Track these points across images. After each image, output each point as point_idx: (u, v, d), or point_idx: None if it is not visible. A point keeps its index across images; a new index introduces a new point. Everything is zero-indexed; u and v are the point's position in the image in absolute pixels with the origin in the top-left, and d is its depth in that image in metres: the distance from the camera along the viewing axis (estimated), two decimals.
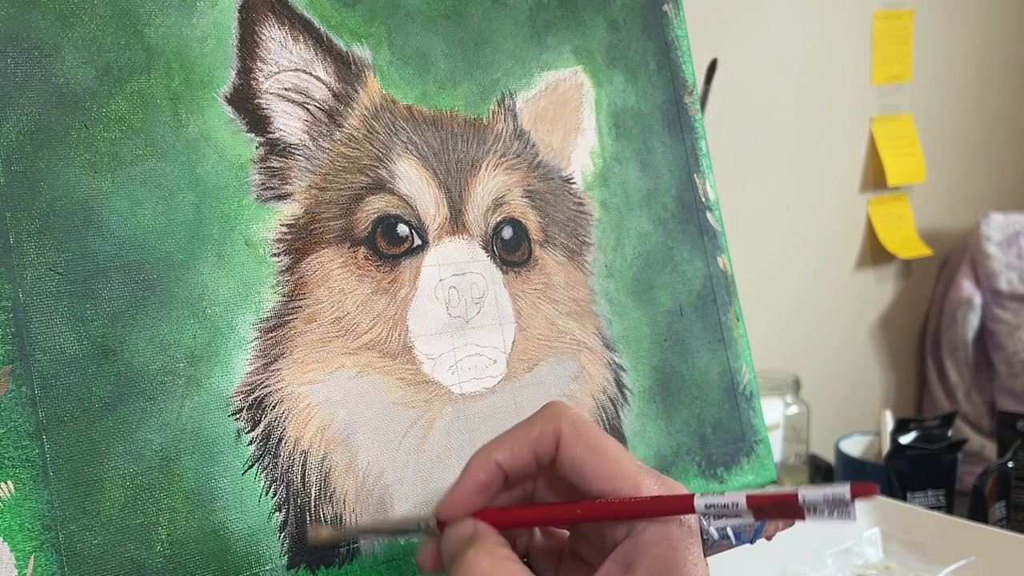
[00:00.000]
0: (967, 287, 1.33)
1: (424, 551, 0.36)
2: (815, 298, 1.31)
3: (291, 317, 0.42)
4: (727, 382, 0.55)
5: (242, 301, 0.41)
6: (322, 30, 0.45)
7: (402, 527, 0.39)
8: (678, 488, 0.34)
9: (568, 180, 0.52)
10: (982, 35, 1.44)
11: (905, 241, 1.36)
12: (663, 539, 0.32)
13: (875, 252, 1.36)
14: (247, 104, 0.42)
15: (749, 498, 0.32)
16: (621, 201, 0.53)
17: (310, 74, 0.44)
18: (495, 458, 0.36)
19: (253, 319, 0.41)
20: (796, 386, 1.13)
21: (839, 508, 0.30)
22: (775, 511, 0.31)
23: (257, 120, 0.42)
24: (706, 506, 0.32)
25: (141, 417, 0.38)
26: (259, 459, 0.40)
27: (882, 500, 0.91)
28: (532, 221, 0.50)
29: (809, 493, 0.30)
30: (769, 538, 0.54)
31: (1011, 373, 1.29)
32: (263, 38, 0.43)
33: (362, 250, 0.44)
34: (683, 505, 0.32)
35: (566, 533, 0.38)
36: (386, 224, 0.45)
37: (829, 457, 1.14)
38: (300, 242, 0.43)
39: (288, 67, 0.44)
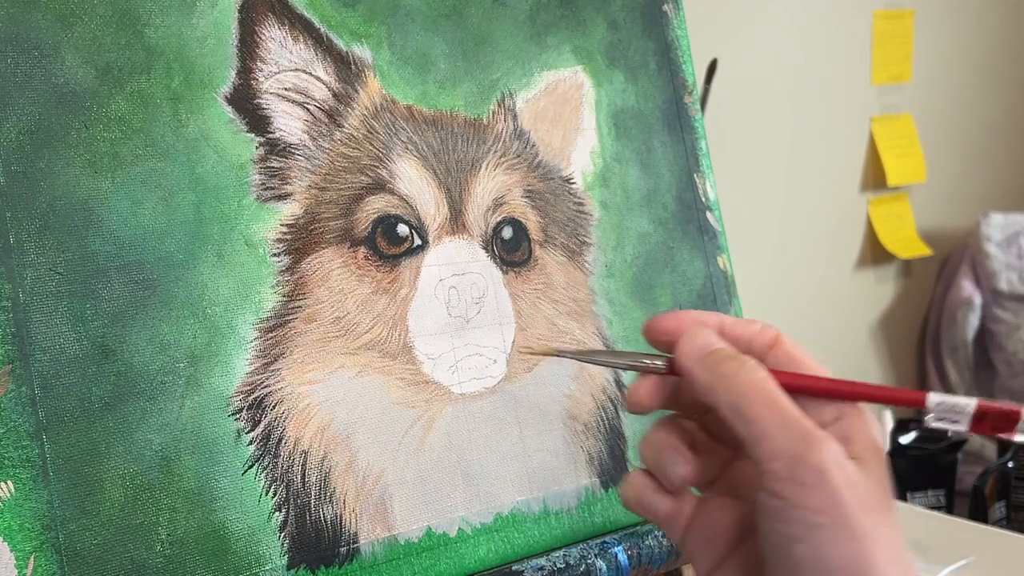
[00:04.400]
0: (967, 287, 1.33)
1: (643, 385, 0.36)
2: (815, 298, 1.31)
3: (291, 317, 0.42)
4: None
5: (242, 301, 0.41)
6: (322, 30, 0.45)
7: (628, 362, 0.37)
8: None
9: (568, 180, 0.52)
10: (982, 35, 1.44)
11: (905, 241, 1.36)
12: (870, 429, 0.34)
13: (875, 252, 1.36)
14: (247, 104, 0.42)
15: (980, 406, 0.33)
16: (621, 201, 0.53)
17: (310, 74, 0.44)
18: (720, 316, 0.37)
19: (253, 319, 0.41)
20: None
21: None
22: (992, 423, 0.33)
23: (257, 120, 0.42)
24: (936, 404, 0.34)
25: (141, 417, 0.38)
26: (259, 459, 0.40)
27: None
28: (532, 221, 0.50)
29: None
30: None
31: (1011, 373, 1.29)
32: (263, 38, 0.43)
33: (362, 250, 0.44)
34: (916, 399, 0.34)
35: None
36: (386, 224, 0.45)
37: None
38: (300, 242, 0.43)
39: (288, 67, 0.44)
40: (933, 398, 0.34)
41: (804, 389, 0.35)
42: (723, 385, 0.34)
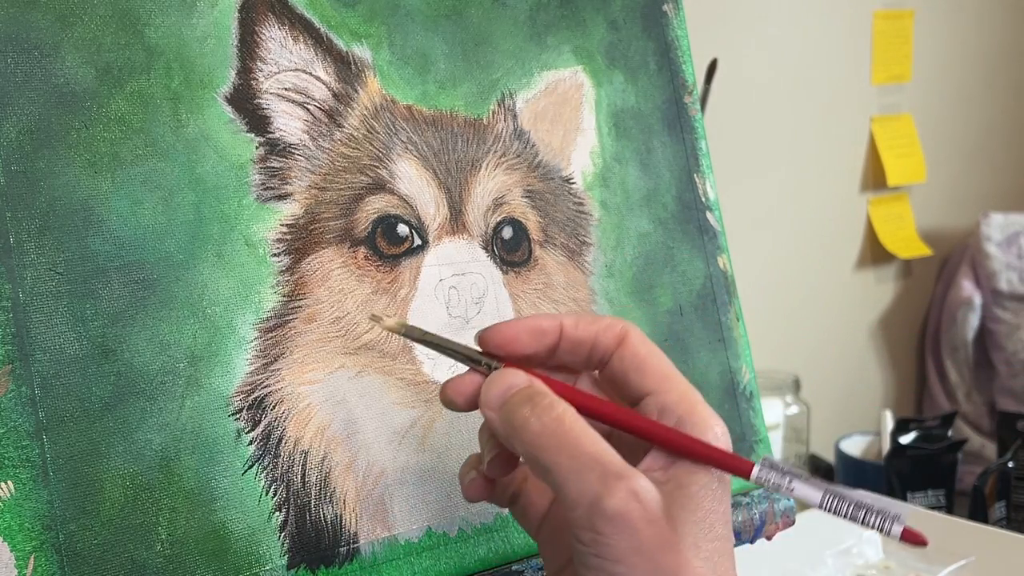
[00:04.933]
0: (967, 287, 1.33)
1: (465, 383, 0.36)
2: (815, 298, 1.31)
3: (291, 317, 0.42)
4: (727, 382, 0.55)
5: (242, 301, 0.41)
6: (322, 30, 0.45)
7: (464, 353, 0.37)
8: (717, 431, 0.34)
9: (568, 180, 0.52)
10: (982, 35, 1.44)
11: (905, 241, 1.36)
12: (704, 483, 0.33)
13: (875, 252, 1.36)
14: (247, 104, 0.42)
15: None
16: (621, 201, 0.53)
17: (310, 74, 0.44)
18: (561, 318, 0.36)
19: (253, 319, 0.41)
20: (796, 386, 1.13)
21: (882, 524, 0.31)
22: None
23: (257, 120, 0.42)
24: (760, 478, 0.33)
25: (141, 417, 0.38)
26: (259, 459, 0.40)
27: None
28: (532, 221, 0.50)
29: (867, 500, 0.32)
30: (769, 538, 0.54)
31: (1011, 373, 1.29)
32: (263, 38, 0.43)
33: (362, 250, 0.44)
34: (742, 468, 0.33)
35: None
36: (386, 224, 0.45)
37: (829, 457, 1.14)
38: (300, 242, 0.43)
39: (288, 67, 0.44)
40: (756, 472, 0.33)
41: (613, 421, 0.34)
42: (518, 437, 0.33)
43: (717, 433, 0.34)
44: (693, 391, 0.35)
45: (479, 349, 0.37)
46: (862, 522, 0.32)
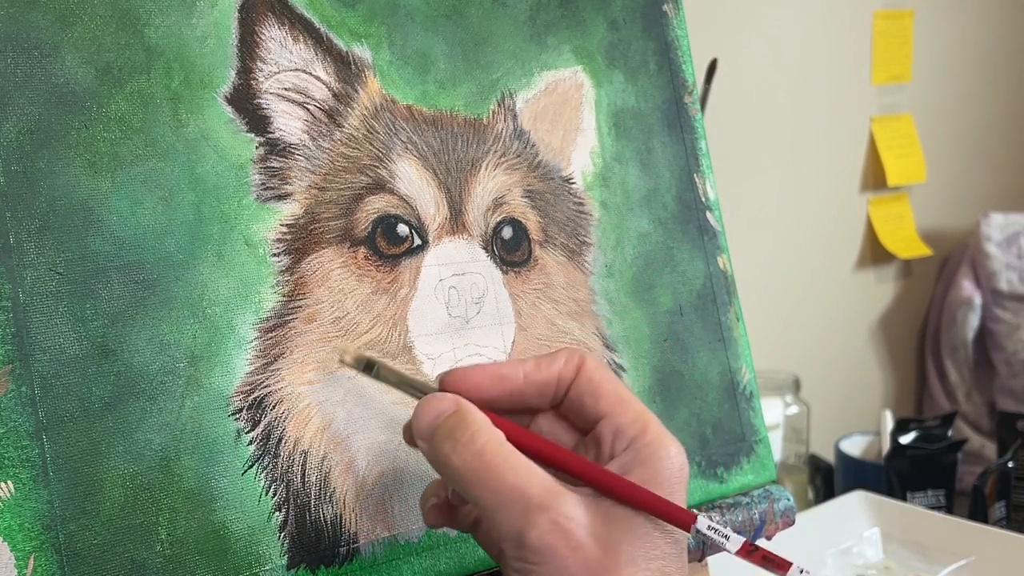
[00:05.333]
0: (967, 287, 1.33)
1: (439, 504, 0.36)
2: (815, 298, 1.31)
3: (291, 317, 0.42)
4: (727, 382, 0.55)
5: (242, 301, 0.41)
6: (322, 30, 0.45)
7: (413, 386, 0.37)
8: (672, 454, 0.34)
9: (568, 180, 0.52)
10: (982, 35, 1.44)
11: (905, 241, 1.36)
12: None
13: (875, 252, 1.36)
14: (247, 104, 0.42)
15: (745, 544, 0.33)
16: (621, 201, 0.53)
17: (310, 74, 0.44)
18: (522, 365, 0.36)
19: (253, 319, 0.41)
20: (796, 386, 1.13)
21: None
22: (762, 558, 0.33)
23: (257, 120, 0.42)
24: (702, 530, 0.33)
25: (141, 417, 0.38)
26: (259, 459, 0.40)
27: (882, 500, 0.91)
28: (532, 221, 0.50)
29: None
30: (769, 538, 0.54)
31: (1011, 373, 1.29)
32: (263, 38, 0.43)
33: (362, 250, 0.44)
34: (682, 519, 0.33)
35: None
36: (386, 224, 0.45)
37: (829, 457, 1.14)
38: (300, 242, 0.43)
39: (288, 67, 0.44)
40: (702, 521, 0.33)
41: (548, 460, 0.34)
42: (445, 470, 0.33)
43: (671, 453, 0.34)
44: (647, 413, 0.35)
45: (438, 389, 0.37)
46: None
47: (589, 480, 0.33)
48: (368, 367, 0.37)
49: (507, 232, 0.49)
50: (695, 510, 0.34)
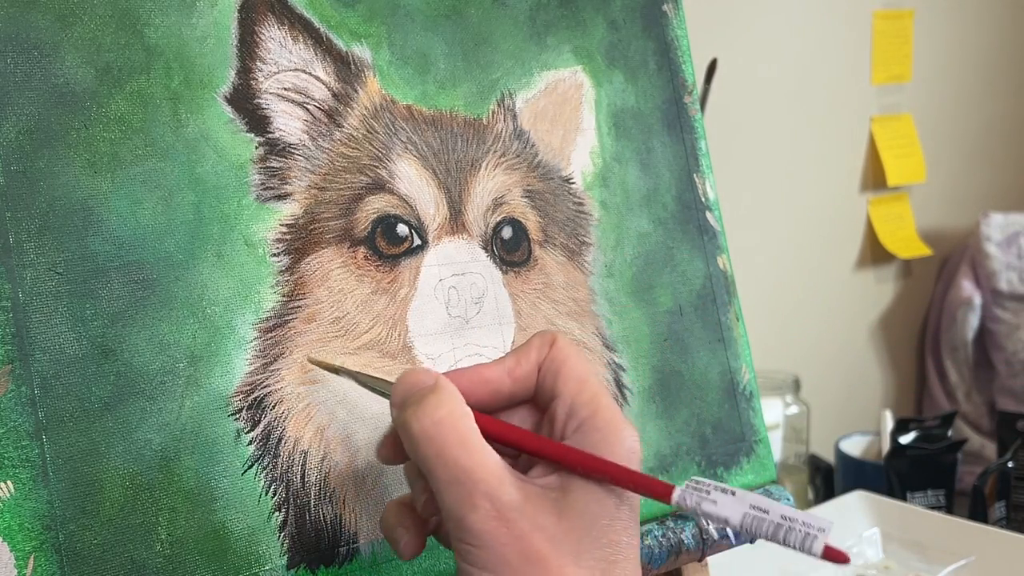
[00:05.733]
0: (967, 287, 1.33)
1: (388, 437, 0.35)
2: (815, 298, 1.31)
3: (291, 317, 0.42)
4: (727, 382, 0.55)
5: (242, 301, 0.41)
6: (322, 30, 0.45)
7: (378, 386, 0.37)
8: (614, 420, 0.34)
9: (568, 180, 0.52)
10: (982, 35, 1.44)
11: (905, 241, 1.36)
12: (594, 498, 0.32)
13: (875, 252, 1.36)
14: (247, 104, 0.42)
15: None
16: (621, 201, 0.53)
17: (310, 74, 0.44)
18: (504, 362, 0.36)
19: (253, 319, 0.41)
20: (796, 386, 1.13)
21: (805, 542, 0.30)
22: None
23: (257, 120, 0.42)
24: (678, 502, 0.32)
25: (141, 417, 0.38)
26: (259, 459, 0.40)
27: (882, 500, 0.91)
28: (532, 221, 0.50)
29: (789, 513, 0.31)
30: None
31: (1011, 373, 1.29)
32: (263, 38, 0.43)
33: (362, 250, 0.44)
34: (661, 491, 0.33)
35: None
36: (386, 224, 0.45)
37: (829, 457, 1.14)
38: (300, 242, 0.43)
39: (288, 67, 0.44)
40: (677, 495, 0.32)
41: (514, 444, 0.34)
42: (405, 437, 0.33)
43: (623, 436, 0.33)
44: (602, 396, 0.35)
45: None
46: (783, 542, 0.30)
47: (557, 460, 0.33)
48: (335, 371, 0.38)
49: (507, 232, 0.49)
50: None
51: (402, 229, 0.45)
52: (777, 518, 0.30)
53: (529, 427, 0.37)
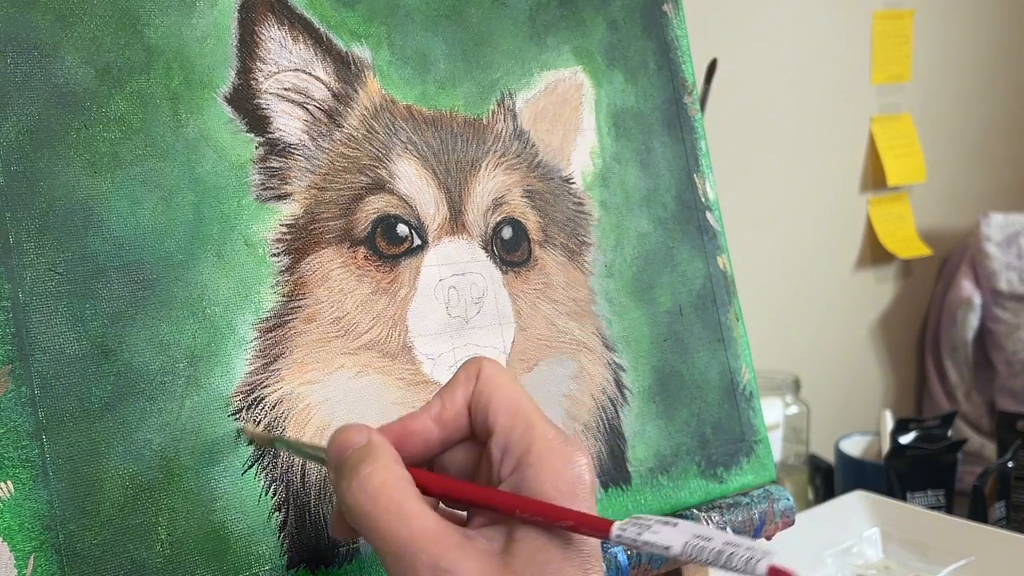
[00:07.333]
0: (967, 287, 1.33)
1: (337, 514, 0.34)
2: (815, 298, 1.31)
3: (291, 317, 0.42)
4: (727, 382, 0.55)
5: (242, 301, 0.41)
6: (322, 30, 0.45)
7: (314, 453, 0.36)
8: (566, 442, 0.32)
9: (568, 180, 0.52)
10: (982, 35, 1.44)
11: (905, 241, 1.36)
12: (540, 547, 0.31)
13: (875, 252, 1.36)
14: (247, 104, 0.42)
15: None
16: (621, 201, 0.53)
17: (310, 74, 0.44)
18: (428, 410, 0.34)
19: (253, 319, 0.41)
20: (796, 386, 1.13)
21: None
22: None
23: (257, 120, 0.42)
24: (618, 536, 0.31)
25: (141, 417, 0.38)
26: (259, 459, 0.40)
27: (882, 500, 0.91)
28: (532, 221, 0.50)
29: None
30: (769, 538, 0.54)
31: (1011, 373, 1.29)
32: (263, 38, 0.43)
33: (362, 250, 0.44)
34: (599, 527, 0.31)
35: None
36: (386, 224, 0.45)
37: (829, 457, 1.14)
38: (300, 242, 0.43)
39: (288, 67, 0.44)
40: (616, 529, 0.30)
41: (440, 494, 0.32)
42: (343, 507, 0.31)
43: (559, 467, 0.31)
44: (539, 425, 0.33)
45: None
46: (725, 565, 0.29)
47: (492, 509, 0.32)
48: (268, 443, 0.38)
49: (507, 232, 0.49)
50: (613, 522, 0.31)
51: (402, 229, 0.45)
52: (720, 544, 0.30)
53: (471, 463, 0.35)
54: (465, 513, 0.34)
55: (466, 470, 0.35)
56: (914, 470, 0.98)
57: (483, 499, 0.32)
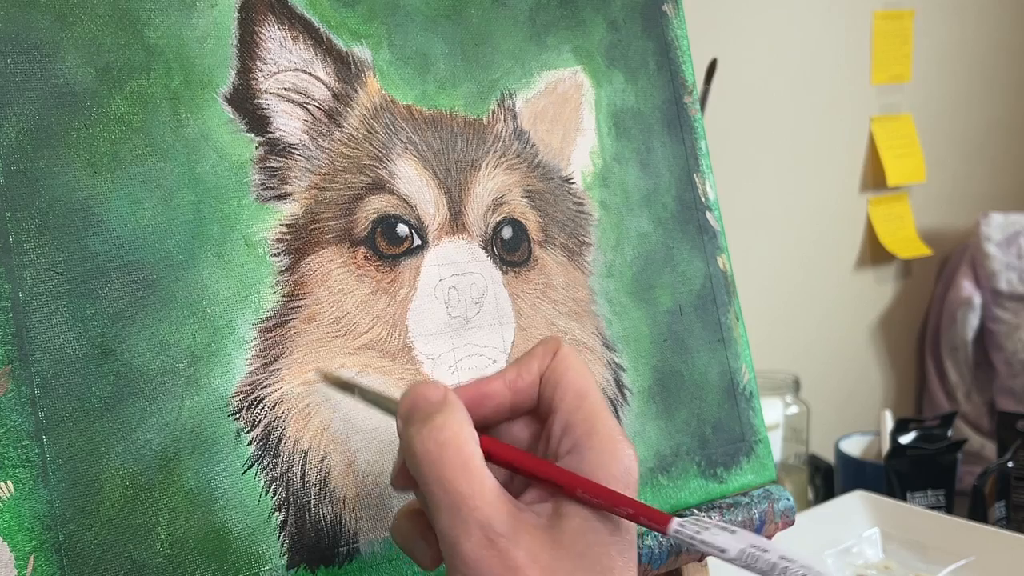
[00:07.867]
0: (967, 287, 1.33)
1: (401, 465, 0.34)
2: (815, 298, 1.31)
3: (291, 317, 0.42)
4: (727, 382, 0.55)
5: (242, 301, 0.41)
6: (322, 30, 0.45)
7: (386, 404, 0.36)
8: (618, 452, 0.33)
9: (568, 180, 0.52)
10: (982, 35, 1.45)
11: (905, 241, 1.36)
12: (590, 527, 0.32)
13: (875, 252, 1.36)
14: (247, 104, 0.42)
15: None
16: (621, 201, 0.53)
17: (310, 74, 0.44)
18: (503, 375, 0.35)
19: (253, 319, 0.41)
20: (796, 386, 1.13)
21: None
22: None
23: (257, 120, 0.43)
24: (676, 531, 0.32)
25: (141, 417, 0.38)
26: (259, 459, 0.40)
27: (882, 500, 0.91)
28: (532, 221, 0.50)
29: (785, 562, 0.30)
30: (769, 538, 0.54)
31: (1011, 373, 1.29)
32: (263, 38, 0.43)
33: (362, 250, 0.44)
34: (658, 519, 0.32)
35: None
36: (386, 224, 0.45)
37: (829, 457, 1.14)
38: (300, 242, 0.43)
39: (288, 67, 0.44)
40: (675, 524, 0.31)
41: (506, 462, 0.33)
42: (407, 453, 0.32)
43: (618, 457, 0.32)
44: (603, 412, 0.34)
45: None
46: None
47: (554, 484, 0.32)
48: (347, 388, 0.38)
49: (507, 232, 0.49)
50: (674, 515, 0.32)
51: (402, 229, 0.45)
52: (775, 558, 0.30)
53: (528, 438, 0.36)
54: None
55: (519, 444, 0.36)
56: (914, 470, 0.98)
57: (547, 473, 0.32)
